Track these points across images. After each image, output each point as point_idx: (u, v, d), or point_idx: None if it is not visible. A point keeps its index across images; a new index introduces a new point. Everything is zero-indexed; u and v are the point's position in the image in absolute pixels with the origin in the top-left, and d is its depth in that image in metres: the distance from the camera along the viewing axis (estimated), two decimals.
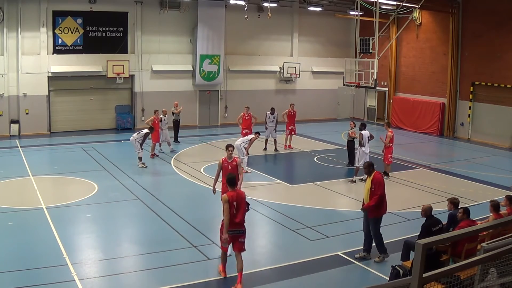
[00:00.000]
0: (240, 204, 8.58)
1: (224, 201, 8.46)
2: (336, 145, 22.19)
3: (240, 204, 8.59)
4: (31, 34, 23.02)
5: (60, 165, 17.61)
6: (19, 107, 23.21)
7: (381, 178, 9.69)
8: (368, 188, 9.55)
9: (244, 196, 8.76)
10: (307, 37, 30.14)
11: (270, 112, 20.24)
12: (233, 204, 8.51)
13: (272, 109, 20.40)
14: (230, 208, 8.46)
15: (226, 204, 8.41)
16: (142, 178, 16.00)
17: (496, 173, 17.44)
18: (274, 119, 20.07)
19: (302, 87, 30.04)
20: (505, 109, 22.77)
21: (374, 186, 9.50)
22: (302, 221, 11.87)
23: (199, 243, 10.46)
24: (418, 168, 18.23)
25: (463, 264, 4.33)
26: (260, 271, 9.29)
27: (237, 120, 20.16)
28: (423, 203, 9.99)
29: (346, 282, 9.10)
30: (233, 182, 8.73)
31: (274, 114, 20.12)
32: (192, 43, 26.82)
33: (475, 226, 6.56)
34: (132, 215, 12.50)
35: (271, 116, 20.08)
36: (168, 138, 20.03)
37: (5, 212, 12.11)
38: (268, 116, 20.12)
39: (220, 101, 28.13)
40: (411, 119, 27.35)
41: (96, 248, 10.28)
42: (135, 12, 25.12)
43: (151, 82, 25.98)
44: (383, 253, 9.70)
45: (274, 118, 20.08)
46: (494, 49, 22.95)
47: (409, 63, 28.08)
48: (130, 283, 8.77)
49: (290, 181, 16.33)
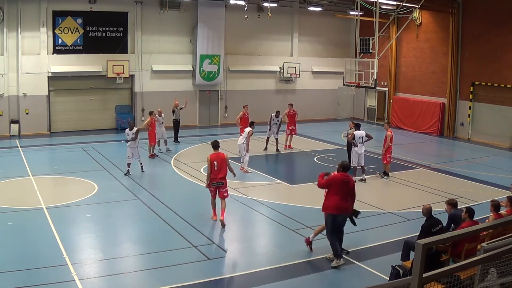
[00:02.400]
0: (220, 163, 11.31)
1: (207, 160, 11.39)
2: (336, 145, 22.18)
3: (221, 163, 11.31)
4: (31, 34, 23.03)
5: (60, 165, 17.61)
6: (19, 107, 23.22)
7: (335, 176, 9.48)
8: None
9: (224, 156, 11.40)
10: (307, 37, 30.15)
11: (275, 114, 20.20)
12: (214, 163, 11.29)
13: (278, 112, 20.37)
14: (212, 166, 11.29)
15: (208, 163, 11.35)
16: (142, 178, 16.02)
17: (496, 173, 17.44)
18: (278, 122, 20.15)
19: (302, 87, 30.05)
20: (505, 109, 22.77)
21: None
22: (302, 221, 11.86)
23: (199, 243, 10.46)
24: (418, 168, 18.23)
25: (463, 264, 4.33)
26: (260, 271, 9.29)
27: (236, 120, 20.15)
28: (423, 203, 9.99)
29: (346, 282, 9.09)
30: (216, 145, 11.65)
31: (278, 118, 20.15)
32: (192, 43, 26.82)
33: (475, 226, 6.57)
34: (132, 215, 12.50)
35: (276, 119, 20.11)
36: (165, 136, 19.96)
37: (5, 212, 12.11)
38: (273, 118, 20.14)
39: (220, 101, 28.14)
40: (411, 119, 27.35)
41: (96, 248, 10.28)
42: (135, 12, 25.12)
43: (151, 82, 25.98)
44: (336, 257, 9.42)
45: (278, 121, 20.15)
46: (494, 49, 22.94)
47: (409, 63, 28.08)
48: (130, 283, 8.77)
49: (290, 181, 16.33)
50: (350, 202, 9.56)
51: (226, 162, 11.46)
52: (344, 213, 9.47)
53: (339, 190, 9.33)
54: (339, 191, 9.32)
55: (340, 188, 9.34)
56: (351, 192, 9.54)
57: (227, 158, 11.50)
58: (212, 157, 11.35)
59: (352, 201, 9.65)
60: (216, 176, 11.34)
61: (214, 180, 11.37)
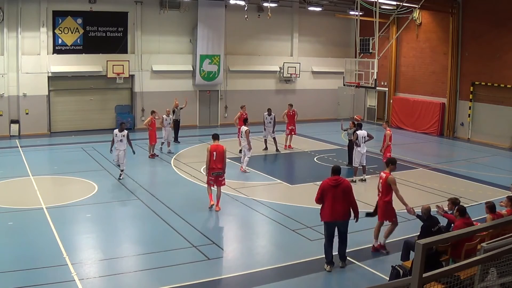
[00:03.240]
0: (219, 155, 12.18)
1: (207, 150, 12.25)
2: (336, 145, 22.19)
3: (219, 154, 12.18)
4: (31, 34, 23.03)
5: (60, 165, 17.61)
6: (19, 107, 23.22)
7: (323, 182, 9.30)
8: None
9: (223, 149, 12.25)
10: (307, 37, 30.14)
11: (267, 113, 20.14)
12: (213, 153, 12.17)
13: (269, 110, 20.26)
14: (211, 156, 12.16)
15: (207, 153, 12.21)
16: (142, 178, 16.01)
17: (496, 173, 17.44)
18: (271, 120, 19.99)
19: (302, 87, 30.05)
20: (505, 109, 22.77)
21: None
22: (302, 221, 11.86)
23: (199, 243, 10.46)
24: (418, 168, 18.23)
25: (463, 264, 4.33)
26: (260, 271, 9.29)
27: (234, 121, 20.16)
28: (423, 203, 9.97)
29: (346, 282, 9.10)
30: (217, 137, 12.58)
31: (271, 115, 20.04)
32: (192, 43, 26.82)
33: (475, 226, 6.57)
34: (132, 215, 12.50)
35: (268, 117, 20.01)
36: (170, 138, 20.05)
37: (5, 212, 12.11)
38: (265, 117, 20.06)
39: (220, 101, 28.14)
40: (411, 119, 27.35)
41: (96, 248, 10.28)
42: (135, 12, 25.12)
43: (151, 82, 25.99)
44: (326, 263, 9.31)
45: (272, 119, 20.00)
46: (494, 49, 22.94)
47: (409, 63, 28.08)
48: (130, 283, 8.77)
49: (290, 181, 16.33)
50: (343, 205, 9.07)
51: (224, 154, 12.36)
52: (337, 218, 9.07)
53: (329, 195, 9.04)
54: (329, 197, 9.03)
55: (329, 193, 9.04)
56: (343, 195, 9.06)
57: (225, 150, 12.41)
58: (212, 148, 12.26)
59: (348, 204, 9.14)
60: (215, 166, 12.25)
61: (213, 170, 12.30)
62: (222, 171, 12.37)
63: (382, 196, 10.00)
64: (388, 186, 9.88)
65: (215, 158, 12.17)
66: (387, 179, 9.93)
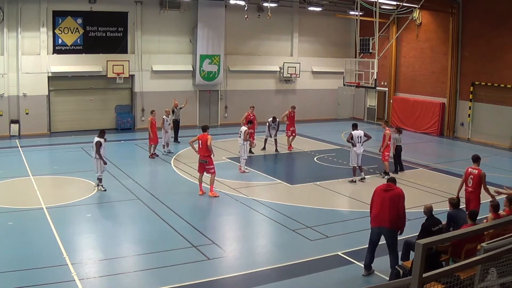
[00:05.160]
0: (203, 143, 13.55)
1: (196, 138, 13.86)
2: (336, 145, 22.18)
3: (203, 143, 13.54)
4: (31, 34, 23.02)
5: (60, 165, 17.61)
6: (19, 107, 23.21)
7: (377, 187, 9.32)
8: None
9: (206, 138, 13.48)
10: (307, 37, 30.14)
11: (271, 120, 20.04)
12: (199, 142, 13.67)
13: (274, 117, 20.15)
14: (198, 145, 13.70)
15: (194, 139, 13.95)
16: (142, 178, 16.01)
17: (496, 173, 17.42)
18: (275, 126, 20.06)
19: (302, 87, 30.04)
20: (505, 109, 22.76)
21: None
22: (302, 221, 11.86)
23: (199, 243, 10.46)
24: (418, 168, 18.23)
25: (463, 264, 4.33)
26: (260, 271, 9.29)
27: (241, 121, 20.14)
28: (423, 203, 9.97)
29: (346, 282, 9.09)
30: (205, 128, 14.08)
31: (275, 122, 20.05)
32: (192, 43, 26.82)
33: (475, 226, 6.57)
34: (132, 215, 12.49)
35: (273, 124, 20.02)
36: (170, 139, 20.06)
37: (5, 212, 12.11)
38: (270, 123, 20.05)
39: (220, 101, 28.13)
40: (411, 119, 27.34)
41: (96, 248, 10.27)
42: (135, 12, 25.11)
43: (151, 82, 25.98)
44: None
45: (276, 125, 20.05)
46: (494, 49, 22.94)
47: (409, 63, 28.08)
48: (130, 283, 8.77)
49: (290, 181, 16.33)
50: (390, 212, 8.68)
51: (206, 143, 13.48)
52: (381, 224, 8.75)
53: (378, 200, 8.94)
54: (377, 201, 8.93)
55: (378, 198, 8.95)
56: (390, 202, 8.73)
57: (207, 140, 13.51)
58: (199, 137, 13.82)
59: (395, 212, 8.70)
60: (201, 154, 13.72)
61: (200, 157, 13.80)
62: (206, 160, 13.58)
63: (475, 190, 10.74)
64: (481, 180, 10.66)
65: (201, 146, 13.63)
66: (480, 174, 10.76)
